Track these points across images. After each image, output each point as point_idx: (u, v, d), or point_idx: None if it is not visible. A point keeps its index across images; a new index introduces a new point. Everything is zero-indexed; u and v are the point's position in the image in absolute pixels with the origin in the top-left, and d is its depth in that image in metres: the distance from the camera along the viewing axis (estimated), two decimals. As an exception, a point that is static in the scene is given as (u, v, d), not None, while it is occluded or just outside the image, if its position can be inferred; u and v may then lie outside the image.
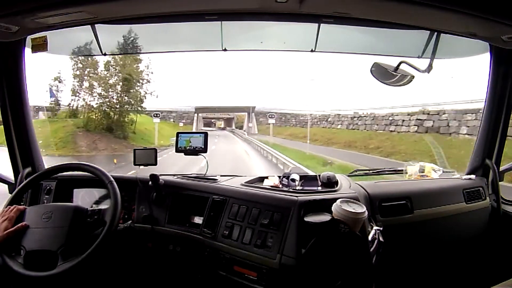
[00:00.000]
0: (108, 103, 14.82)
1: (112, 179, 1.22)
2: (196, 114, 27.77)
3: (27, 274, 1.05)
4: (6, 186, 1.54)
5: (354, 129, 18.25)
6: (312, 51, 1.67)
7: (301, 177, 1.41)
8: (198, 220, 1.35)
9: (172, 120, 26.68)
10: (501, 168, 1.64)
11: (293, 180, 1.38)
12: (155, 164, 1.49)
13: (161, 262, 1.40)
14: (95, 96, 14.72)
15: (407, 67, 1.34)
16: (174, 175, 1.54)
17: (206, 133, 1.49)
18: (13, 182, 1.54)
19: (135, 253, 1.41)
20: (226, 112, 34.67)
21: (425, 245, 1.49)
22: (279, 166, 9.85)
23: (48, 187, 1.47)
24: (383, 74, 1.38)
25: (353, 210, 1.03)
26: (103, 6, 1.15)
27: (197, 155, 1.47)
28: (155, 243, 1.39)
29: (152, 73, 15.84)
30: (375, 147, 14.35)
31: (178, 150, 1.48)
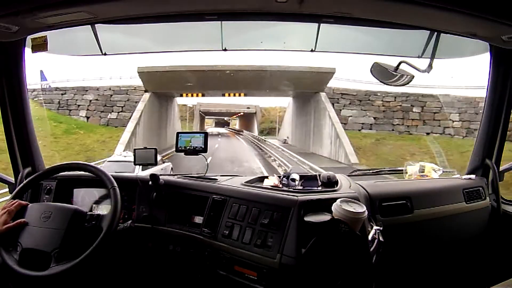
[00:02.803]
0: None
1: (115, 184, 1.21)
2: (149, 95, 11.88)
3: (20, 271, 1.06)
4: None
5: None
6: (312, 51, 1.67)
7: (301, 177, 1.41)
8: (198, 220, 1.35)
9: (84, 115, 11.85)
10: (501, 168, 1.65)
11: (293, 180, 1.38)
12: (155, 164, 1.49)
13: (161, 262, 1.40)
14: None
15: (407, 67, 1.35)
16: (174, 175, 1.54)
17: (207, 132, 1.49)
18: (13, 182, 1.54)
19: (135, 253, 1.41)
20: (233, 90, 14.28)
21: (425, 245, 1.49)
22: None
23: (48, 187, 1.47)
24: (383, 73, 1.38)
25: (353, 210, 1.03)
26: (103, 6, 1.15)
27: (197, 155, 1.47)
28: (155, 243, 1.39)
29: None
30: None
31: (178, 150, 1.49)
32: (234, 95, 15.23)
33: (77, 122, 12.13)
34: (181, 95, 15.58)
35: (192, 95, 15.41)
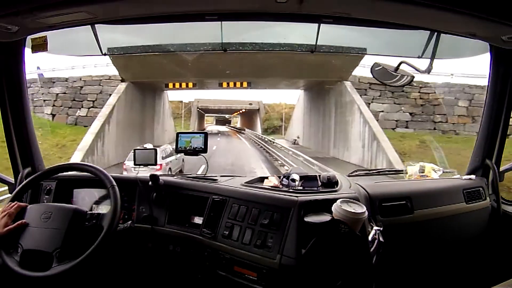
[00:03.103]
0: None
1: (114, 183, 1.21)
2: (125, 85, 9.57)
3: (21, 273, 1.06)
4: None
5: None
6: (312, 51, 1.67)
7: (301, 177, 1.41)
8: (198, 220, 1.35)
9: (49, 113, 9.36)
10: (501, 168, 1.65)
11: (293, 180, 1.37)
12: (155, 164, 1.50)
13: (161, 262, 1.40)
14: None
15: (407, 67, 1.35)
16: (174, 175, 1.54)
17: (207, 133, 1.50)
18: (13, 182, 1.54)
19: (135, 253, 1.41)
20: (233, 79, 10.51)
21: (425, 245, 1.49)
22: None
23: (48, 187, 1.46)
24: (383, 74, 1.38)
25: (353, 210, 1.02)
26: (103, 6, 1.15)
27: (197, 155, 1.47)
28: (155, 243, 1.39)
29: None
30: None
31: (178, 150, 1.49)
32: (235, 84, 11.21)
33: (40, 121, 9.62)
34: (167, 86, 11.52)
35: (181, 85, 11.28)
